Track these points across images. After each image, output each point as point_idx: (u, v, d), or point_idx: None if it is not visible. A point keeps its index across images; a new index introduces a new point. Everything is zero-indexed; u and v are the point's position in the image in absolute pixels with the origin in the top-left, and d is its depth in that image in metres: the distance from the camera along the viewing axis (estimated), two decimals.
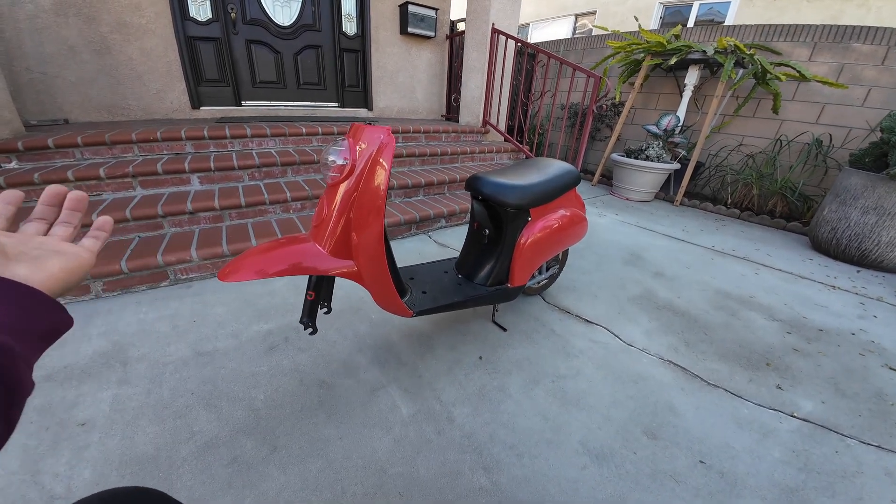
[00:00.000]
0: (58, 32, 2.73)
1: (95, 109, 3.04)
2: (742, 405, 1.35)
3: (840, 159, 3.32)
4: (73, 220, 0.44)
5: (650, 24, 7.18)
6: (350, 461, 1.08)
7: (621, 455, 1.14)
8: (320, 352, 1.48)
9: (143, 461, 1.04)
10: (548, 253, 1.59)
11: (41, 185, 1.99)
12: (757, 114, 3.76)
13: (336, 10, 3.78)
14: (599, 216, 3.34)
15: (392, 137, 1.04)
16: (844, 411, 1.35)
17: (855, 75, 3.23)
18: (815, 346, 1.71)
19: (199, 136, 2.52)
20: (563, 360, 1.52)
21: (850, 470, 1.13)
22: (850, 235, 2.61)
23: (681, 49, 3.59)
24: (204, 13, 3.22)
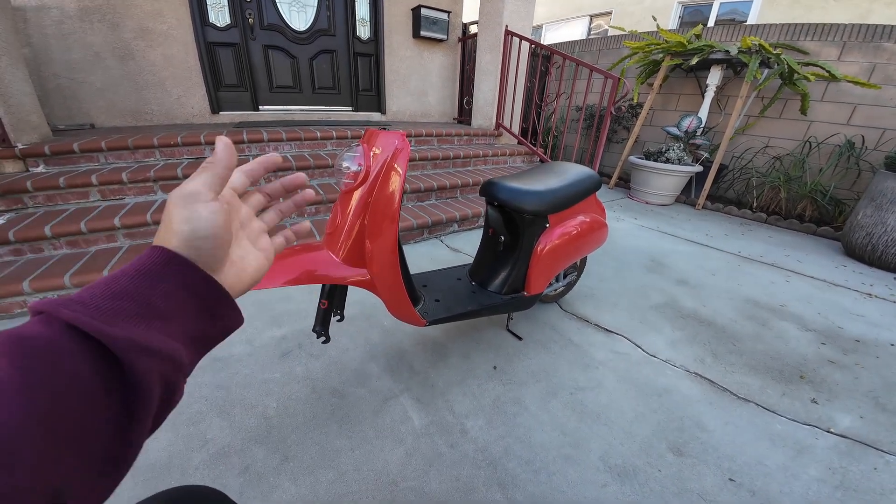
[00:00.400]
0: (83, 38, 2.81)
1: (120, 114, 3.12)
2: (775, 420, 1.27)
3: (874, 162, 3.17)
4: (286, 213, 0.44)
5: (668, 25, 7.03)
6: (361, 473, 1.05)
7: (645, 472, 1.08)
8: (333, 359, 1.46)
9: (156, 468, 1.04)
10: (566, 260, 1.54)
11: (66, 189, 2.04)
12: (783, 115, 3.62)
13: (350, 14, 3.81)
14: (618, 220, 3.25)
15: (407, 143, 1.01)
16: (885, 426, 1.27)
17: (887, 75, 3.08)
18: (852, 357, 1.61)
19: None
20: (582, 371, 1.46)
21: (889, 487, 1.07)
22: (887, 241, 2.47)
23: (703, 49, 3.49)
24: (223, 19, 3.28)
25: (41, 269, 1.71)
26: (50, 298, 0.25)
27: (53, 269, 1.72)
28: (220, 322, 0.32)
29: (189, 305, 0.29)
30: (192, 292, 0.29)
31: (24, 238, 1.79)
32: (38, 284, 1.63)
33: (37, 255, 1.85)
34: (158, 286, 0.27)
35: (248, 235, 0.37)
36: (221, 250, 0.31)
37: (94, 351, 0.23)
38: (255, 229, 0.39)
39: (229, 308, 0.32)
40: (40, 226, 1.82)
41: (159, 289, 0.27)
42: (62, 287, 1.67)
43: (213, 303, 0.31)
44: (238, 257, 0.35)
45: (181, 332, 0.28)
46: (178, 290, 0.28)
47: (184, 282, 0.28)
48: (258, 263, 0.37)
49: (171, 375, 0.27)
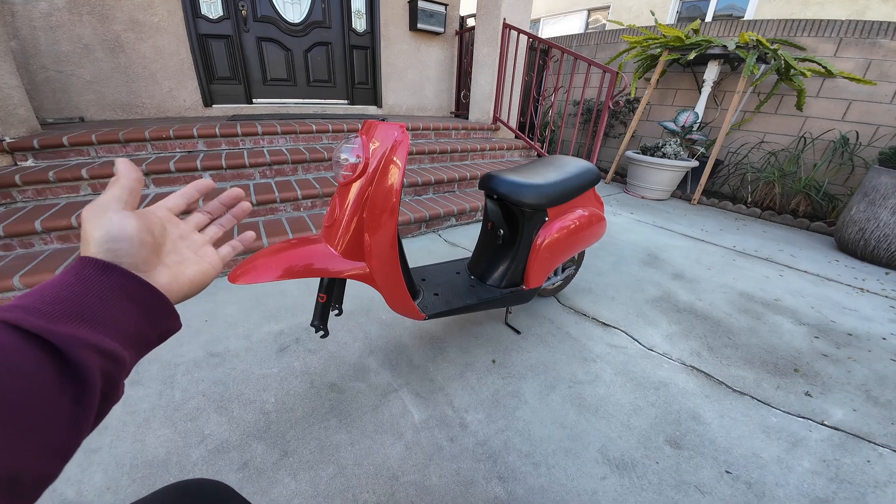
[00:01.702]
0: (72, 30, 2.75)
1: (110, 107, 3.06)
2: (770, 413, 1.29)
3: (868, 158, 3.19)
4: (227, 225, 0.47)
5: (666, 19, 7.02)
6: (361, 468, 1.05)
7: (643, 465, 1.09)
8: (331, 354, 1.45)
9: (154, 464, 1.03)
10: (565, 254, 1.54)
11: (56, 182, 2.01)
12: (779, 110, 3.63)
13: (346, 6, 3.76)
14: (614, 215, 3.26)
15: (406, 135, 1.00)
16: (877, 419, 1.29)
17: (883, 72, 3.09)
18: (845, 351, 1.63)
19: (211, 134, 2.52)
20: (580, 364, 1.47)
21: (883, 480, 1.08)
22: (880, 236, 2.50)
23: (701, 44, 3.48)
24: (215, 11, 3.22)
25: (32, 265, 1.68)
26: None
27: (45, 265, 1.69)
28: (157, 325, 0.34)
29: (126, 308, 0.31)
30: (130, 296, 0.31)
31: (13, 233, 1.75)
32: (29, 280, 1.60)
33: (27, 251, 1.81)
34: (93, 290, 0.29)
35: (188, 246, 0.41)
36: (142, 251, 0.33)
37: (38, 347, 0.25)
38: (197, 241, 0.42)
39: (166, 312, 0.34)
40: (30, 220, 1.78)
41: (95, 293, 0.29)
42: None
43: (150, 307, 0.33)
44: (173, 262, 0.37)
45: (119, 333, 0.30)
46: (116, 293, 0.30)
47: (121, 285, 0.31)
48: (198, 268, 0.39)
49: (111, 371, 0.29)
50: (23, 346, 0.25)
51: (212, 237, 0.45)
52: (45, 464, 0.25)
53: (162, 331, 0.35)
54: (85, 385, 0.27)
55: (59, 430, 0.26)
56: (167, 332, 0.35)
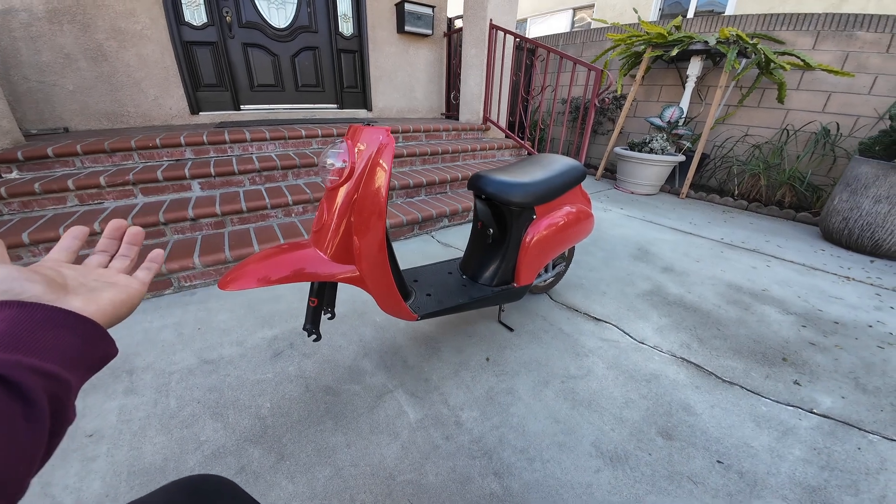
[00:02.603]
0: (53, 40, 2.72)
1: (95, 117, 3.03)
2: (759, 402, 1.31)
3: (849, 148, 3.26)
4: (130, 254, 0.48)
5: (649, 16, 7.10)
6: (358, 469, 1.06)
7: (636, 457, 1.11)
8: (326, 357, 1.46)
9: (152, 471, 1.03)
10: (554, 251, 1.56)
11: (42, 194, 1.98)
12: (762, 104, 3.70)
13: (332, 10, 3.76)
14: (604, 211, 3.30)
15: (391, 138, 1.01)
16: (866, 406, 1.31)
17: (860, 63, 3.16)
18: (832, 339, 1.66)
19: (199, 142, 2.51)
20: (573, 359, 1.49)
21: (874, 467, 1.10)
22: (863, 225, 2.55)
23: (682, 40, 3.53)
24: (199, 17, 3.20)
25: None
26: None
27: None
28: (93, 346, 0.35)
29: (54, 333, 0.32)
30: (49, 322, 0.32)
31: None
32: None
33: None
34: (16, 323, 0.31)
35: (96, 280, 0.42)
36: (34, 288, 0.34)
37: None
38: (105, 274, 0.43)
39: (96, 333, 0.36)
40: (17, 233, 1.76)
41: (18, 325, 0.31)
42: None
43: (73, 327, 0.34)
44: (84, 291, 0.39)
45: (55, 357, 0.31)
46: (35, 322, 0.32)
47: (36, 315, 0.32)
48: (115, 291, 0.41)
49: (56, 391, 0.30)
50: None
51: (119, 269, 0.45)
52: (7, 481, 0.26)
53: (100, 353, 0.36)
54: (32, 404, 0.28)
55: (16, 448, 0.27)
56: (106, 352, 0.37)
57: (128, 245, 0.48)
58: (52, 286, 0.36)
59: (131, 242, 0.48)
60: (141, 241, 0.49)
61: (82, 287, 0.39)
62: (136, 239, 0.49)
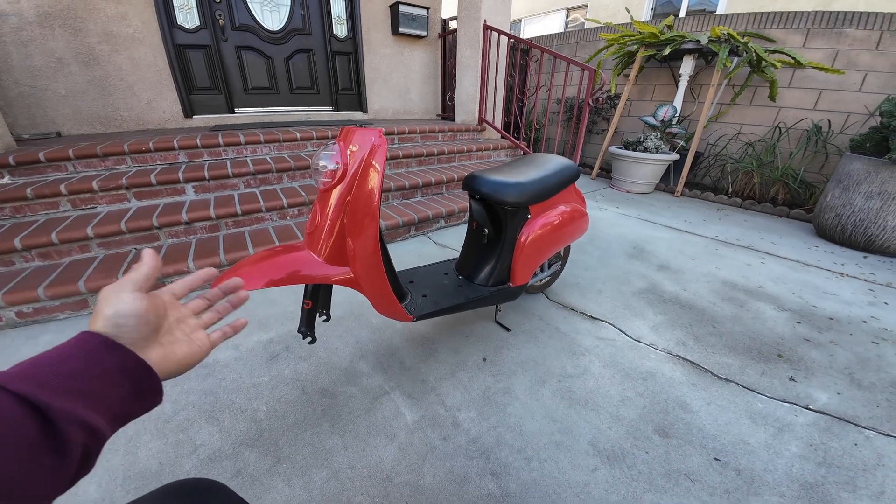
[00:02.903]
0: (44, 44, 2.70)
1: (87, 121, 3.01)
2: (755, 399, 1.32)
3: (840, 145, 3.29)
4: (223, 313, 0.50)
5: (642, 16, 7.14)
6: (355, 471, 1.05)
7: (633, 455, 1.11)
8: (322, 360, 1.45)
9: (147, 476, 1.02)
10: (549, 250, 1.56)
11: (34, 199, 1.97)
12: (754, 102, 3.72)
13: (326, 12, 3.75)
14: (600, 210, 3.31)
15: (384, 139, 1.01)
16: (861, 402, 1.32)
17: (850, 60, 3.19)
18: (827, 335, 1.67)
19: (193, 146, 2.49)
20: (570, 358, 1.49)
21: (871, 463, 1.10)
22: (855, 221, 2.57)
23: (674, 39, 3.56)
24: (192, 21, 3.19)
25: (14, 283, 1.65)
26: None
27: (27, 282, 1.66)
28: (142, 400, 0.36)
29: (120, 385, 0.33)
30: (125, 374, 0.34)
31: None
32: (12, 298, 1.57)
33: (8, 269, 1.77)
34: (95, 367, 0.32)
35: (183, 328, 0.44)
36: (143, 329, 0.37)
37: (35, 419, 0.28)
38: (192, 325, 0.45)
39: (155, 389, 0.37)
40: (9, 238, 1.75)
41: (96, 370, 0.32)
42: (37, 300, 1.61)
43: (140, 384, 0.35)
44: (167, 342, 0.40)
45: (107, 409, 0.32)
46: (111, 370, 0.33)
47: (118, 364, 0.33)
48: (188, 350, 0.42)
49: (91, 446, 0.31)
50: (22, 418, 0.27)
51: (206, 322, 0.48)
52: None
53: (146, 406, 0.37)
54: (66, 457, 0.29)
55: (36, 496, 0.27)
56: (150, 406, 0.38)
57: (228, 304, 0.50)
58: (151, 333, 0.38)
59: (232, 303, 0.50)
60: (240, 305, 0.51)
61: (168, 336, 0.41)
62: (238, 301, 0.51)
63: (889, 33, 2.99)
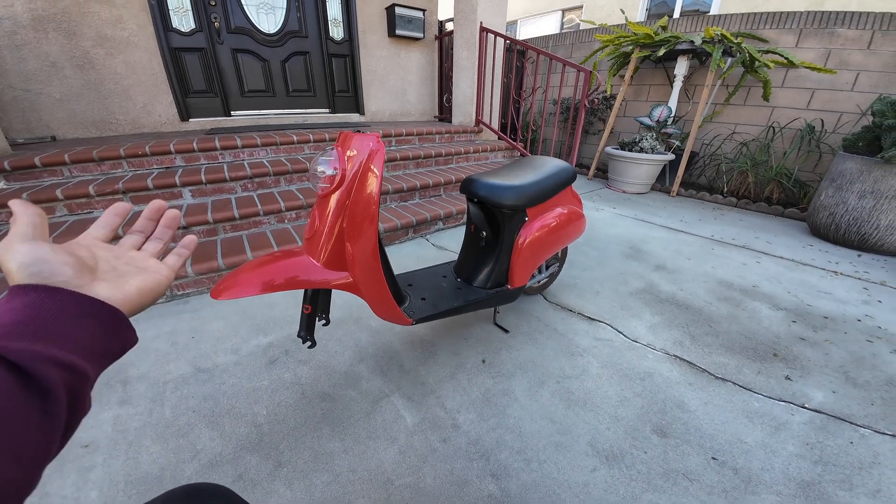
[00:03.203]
0: (38, 48, 2.69)
1: (82, 125, 3.00)
2: (752, 398, 1.33)
3: (833, 144, 3.32)
4: (164, 237, 0.47)
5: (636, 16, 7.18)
6: (356, 474, 1.06)
7: (632, 455, 1.12)
8: (321, 363, 1.45)
9: (148, 481, 1.02)
10: (547, 252, 1.57)
11: None
12: (748, 102, 3.75)
13: (322, 15, 3.75)
14: (597, 210, 3.32)
15: (381, 144, 1.01)
16: (857, 400, 1.33)
17: (842, 60, 3.23)
18: (822, 334, 1.69)
19: (189, 149, 2.49)
20: (568, 359, 1.50)
21: (867, 461, 1.11)
22: (849, 220, 2.60)
23: (669, 40, 3.58)
24: (187, 24, 3.18)
25: None
26: None
27: None
28: (117, 335, 0.35)
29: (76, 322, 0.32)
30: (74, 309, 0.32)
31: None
32: None
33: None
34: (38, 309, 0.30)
35: (126, 262, 0.41)
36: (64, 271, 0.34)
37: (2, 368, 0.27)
38: (136, 257, 0.43)
39: (119, 321, 0.35)
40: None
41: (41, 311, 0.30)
42: None
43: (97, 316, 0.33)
44: (112, 277, 0.38)
45: (75, 346, 0.31)
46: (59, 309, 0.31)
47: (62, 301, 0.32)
48: (143, 277, 0.40)
49: (74, 382, 0.30)
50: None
51: (152, 252, 0.45)
52: (20, 472, 0.26)
53: (122, 341, 0.36)
54: (48, 395, 0.28)
55: (30, 440, 0.27)
56: (127, 341, 0.37)
57: (163, 228, 0.47)
58: (82, 270, 0.35)
59: (167, 226, 0.48)
60: (177, 224, 0.49)
61: (111, 272, 0.38)
62: (172, 223, 0.48)
63: (881, 33, 3.03)
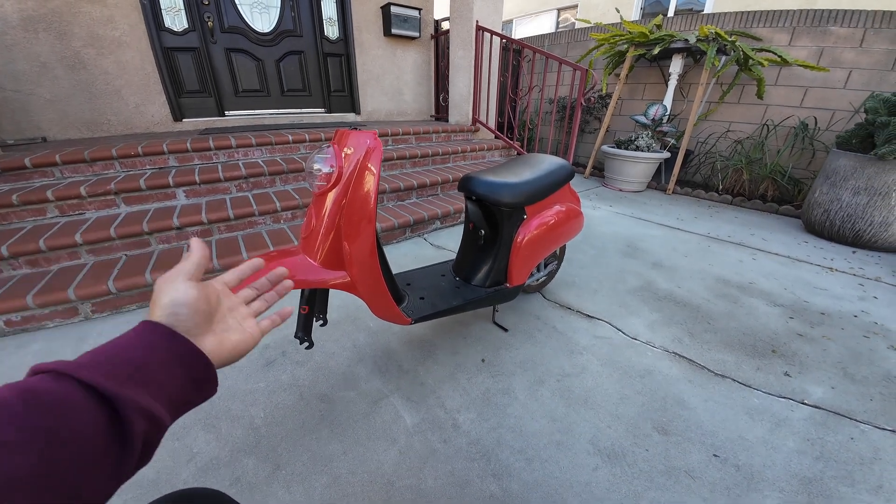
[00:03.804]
0: (28, 49, 2.65)
1: (74, 126, 2.95)
2: (752, 395, 1.33)
3: (826, 141, 3.35)
4: (271, 301, 0.52)
5: (631, 15, 7.21)
6: (356, 476, 1.04)
7: (633, 453, 1.11)
8: (319, 364, 1.44)
9: (144, 484, 1.00)
10: (545, 250, 1.56)
11: (20, 206, 1.92)
12: (742, 100, 3.77)
13: (316, 14, 3.73)
14: (594, 209, 3.33)
15: (379, 141, 1.00)
16: (856, 396, 1.33)
17: (835, 58, 3.25)
18: (819, 330, 1.70)
19: (183, 149, 2.46)
20: (567, 357, 1.49)
21: (868, 457, 1.11)
22: (843, 217, 2.62)
23: (663, 39, 3.59)
24: (180, 23, 3.14)
25: (1, 291, 1.61)
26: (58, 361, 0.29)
27: (15, 290, 1.62)
28: (200, 390, 0.37)
29: (178, 375, 0.34)
30: (183, 363, 0.34)
31: None
32: (1, 306, 1.54)
33: None
34: (157, 356, 0.32)
35: (234, 316, 0.45)
36: (197, 317, 0.37)
37: (101, 406, 0.28)
38: (242, 313, 0.46)
39: (211, 378, 0.38)
40: None
41: (156, 359, 0.32)
42: (26, 308, 1.58)
43: (197, 373, 0.36)
44: (220, 330, 0.41)
45: (167, 398, 0.33)
46: (171, 360, 0.33)
47: (177, 353, 0.34)
48: (240, 338, 0.43)
49: (151, 435, 0.31)
50: (89, 407, 0.27)
51: (255, 311, 0.49)
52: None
53: (204, 395, 0.38)
54: (129, 448, 0.29)
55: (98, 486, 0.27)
56: (207, 395, 0.38)
57: (275, 293, 0.52)
58: (207, 321, 0.38)
59: (279, 292, 0.52)
60: (285, 294, 0.53)
61: (221, 324, 0.41)
62: (283, 290, 0.53)
63: (873, 31, 3.06)
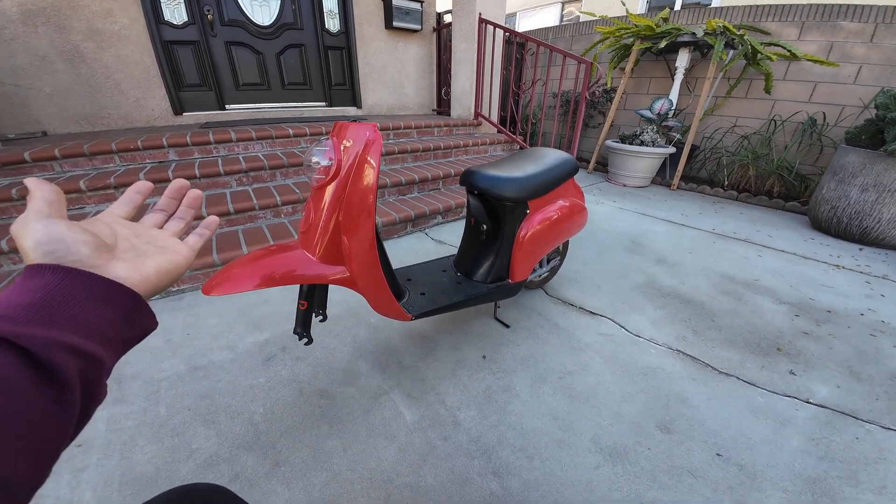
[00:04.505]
0: (27, 43, 2.63)
1: (74, 120, 2.94)
2: (756, 393, 1.31)
3: (835, 137, 3.29)
4: (186, 217, 0.47)
5: (637, 9, 7.11)
6: (355, 473, 1.04)
7: (635, 452, 1.10)
8: (319, 360, 1.43)
9: (143, 481, 1.00)
10: (548, 246, 1.54)
11: (20, 200, 1.92)
12: (749, 95, 3.72)
13: (317, 7, 3.69)
14: (597, 204, 3.30)
15: (378, 134, 0.98)
16: (861, 395, 1.32)
17: (844, 53, 3.19)
18: (825, 328, 1.67)
19: (182, 143, 2.44)
20: (569, 355, 1.48)
21: (872, 457, 1.10)
22: (851, 213, 2.58)
23: (670, 32, 3.54)
24: (179, 16, 3.11)
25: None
26: None
27: None
28: (135, 321, 0.34)
29: (93, 306, 0.30)
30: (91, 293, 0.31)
31: None
32: None
33: None
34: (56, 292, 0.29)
35: (146, 241, 0.40)
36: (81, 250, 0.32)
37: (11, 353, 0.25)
38: (157, 236, 0.42)
39: (135, 305, 0.34)
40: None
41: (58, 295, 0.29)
42: None
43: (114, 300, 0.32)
44: (131, 257, 0.37)
45: (91, 332, 0.30)
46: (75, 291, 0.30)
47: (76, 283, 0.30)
48: (162, 257, 0.39)
49: (89, 371, 0.29)
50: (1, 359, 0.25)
51: (174, 231, 0.44)
52: (33, 466, 0.25)
53: (140, 325, 0.34)
54: (63, 386, 0.27)
55: (43, 433, 0.26)
56: (146, 326, 0.35)
57: (185, 208, 0.47)
58: (100, 249, 0.33)
59: (189, 205, 0.47)
60: (199, 204, 0.48)
61: (131, 251, 0.37)
62: (195, 202, 0.47)
63: (883, 26, 2.99)
